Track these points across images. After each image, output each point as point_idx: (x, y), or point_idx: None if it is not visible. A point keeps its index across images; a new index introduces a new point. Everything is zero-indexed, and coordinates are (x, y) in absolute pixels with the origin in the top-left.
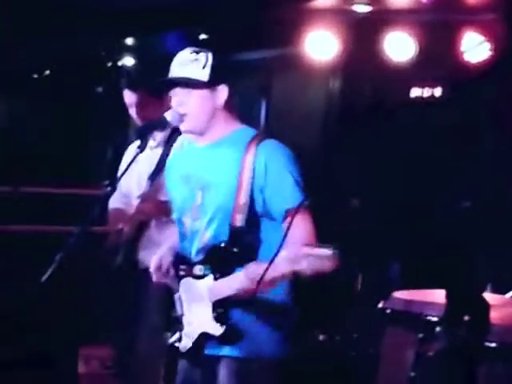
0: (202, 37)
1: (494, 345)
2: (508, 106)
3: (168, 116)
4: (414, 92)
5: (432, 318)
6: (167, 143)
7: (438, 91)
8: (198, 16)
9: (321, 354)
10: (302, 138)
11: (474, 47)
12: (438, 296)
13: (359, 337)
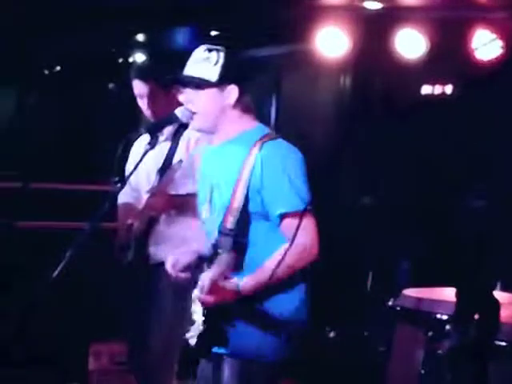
0: (214, 33)
1: (503, 343)
2: None
3: (178, 113)
4: (425, 89)
5: (442, 316)
6: (175, 137)
7: (449, 88)
8: (210, 12)
9: (331, 351)
10: (312, 134)
11: (486, 44)
12: (448, 294)
13: (369, 334)
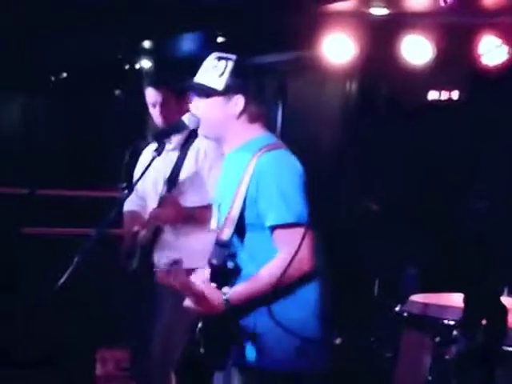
0: (221, 40)
1: (511, 348)
2: None
3: (185, 119)
4: (432, 95)
5: (449, 322)
6: (184, 147)
7: (455, 94)
8: (216, 19)
9: (337, 358)
10: (318, 140)
11: (492, 50)
12: (455, 300)
13: (376, 340)
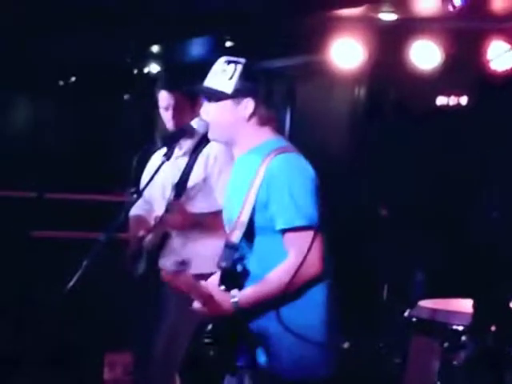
0: (229, 44)
1: None
2: None
3: (194, 124)
4: (440, 100)
5: (457, 327)
6: (193, 152)
7: (463, 99)
8: (225, 23)
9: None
10: (326, 145)
11: (501, 55)
12: (464, 305)
13: (384, 345)
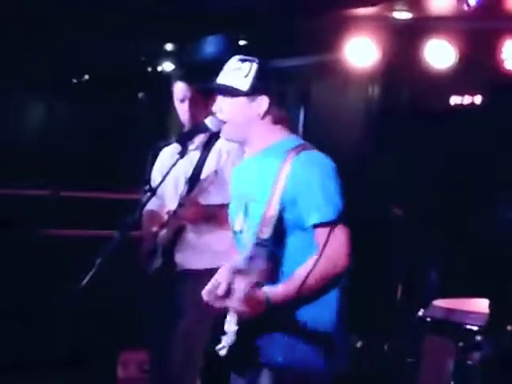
0: (243, 43)
1: None
2: None
3: (208, 122)
4: (454, 99)
5: (472, 327)
6: (205, 147)
7: (478, 99)
8: (239, 22)
9: (359, 362)
10: (340, 144)
11: None
12: (478, 305)
13: (398, 345)
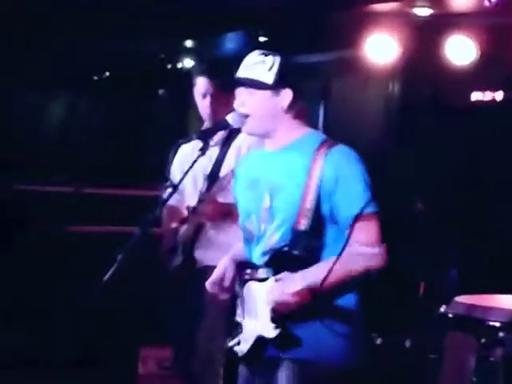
0: (262, 39)
1: None
2: None
3: (229, 118)
4: (475, 96)
5: (495, 323)
6: (225, 143)
7: (499, 95)
8: (259, 18)
9: (378, 358)
10: (361, 141)
11: None
12: (501, 301)
13: (420, 341)
